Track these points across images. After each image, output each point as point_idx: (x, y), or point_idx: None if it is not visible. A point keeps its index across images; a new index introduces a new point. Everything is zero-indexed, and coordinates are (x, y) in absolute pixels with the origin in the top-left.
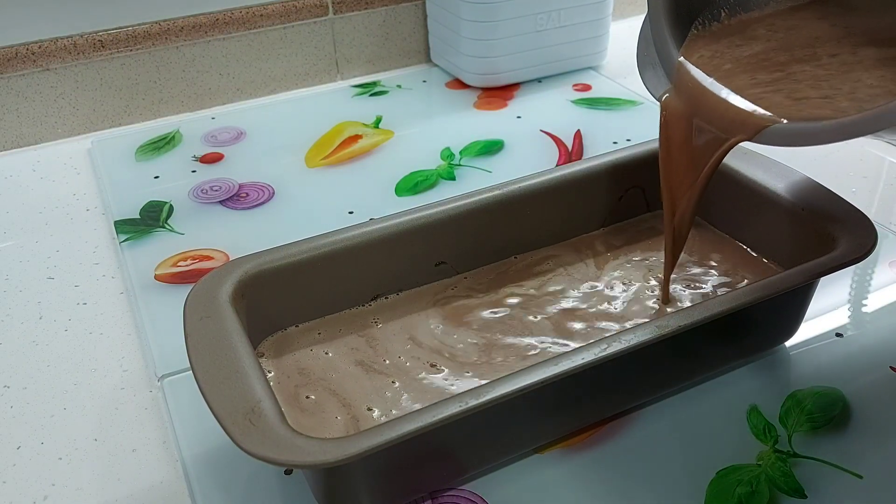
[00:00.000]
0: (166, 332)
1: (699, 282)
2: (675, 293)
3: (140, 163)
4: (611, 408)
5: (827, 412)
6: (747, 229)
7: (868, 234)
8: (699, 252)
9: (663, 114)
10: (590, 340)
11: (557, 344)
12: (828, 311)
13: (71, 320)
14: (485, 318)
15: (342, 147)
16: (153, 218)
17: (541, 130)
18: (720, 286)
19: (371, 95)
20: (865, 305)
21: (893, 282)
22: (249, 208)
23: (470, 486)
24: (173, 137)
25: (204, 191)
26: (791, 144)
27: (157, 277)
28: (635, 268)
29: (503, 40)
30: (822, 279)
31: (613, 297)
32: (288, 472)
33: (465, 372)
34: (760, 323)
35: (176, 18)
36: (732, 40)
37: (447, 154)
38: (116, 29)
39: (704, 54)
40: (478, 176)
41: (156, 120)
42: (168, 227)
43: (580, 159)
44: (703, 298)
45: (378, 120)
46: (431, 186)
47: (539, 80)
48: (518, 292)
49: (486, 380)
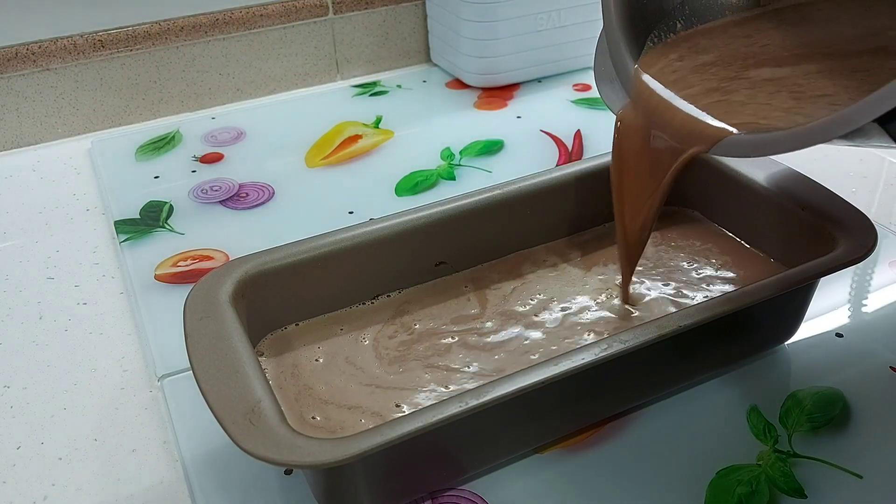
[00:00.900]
0: (166, 332)
1: (699, 278)
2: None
3: (140, 163)
4: (611, 408)
5: (827, 412)
6: (747, 229)
7: (868, 234)
8: (701, 248)
9: (618, 126)
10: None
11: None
12: (828, 311)
13: (71, 320)
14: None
15: (342, 147)
16: (153, 218)
17: (541, 130)
18: (719, 280)
19: (371, 95)
20: (865, 305)
21: (893, 282)
22: (249, 208)
23: (470, 486)
24: (173, 137)
25: (204, 191)
26: (748, 155)
27: (157, 277)
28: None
29: (503, 40)
30: (822, 279)
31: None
32: (288, 472)
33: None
34: (760, 323)
35: (176, 18)
36: (689, 51)
37: (447, 154)
38: (116, 29)
39: (661, 66)
40: (478, 176)
41: (156, 120)
42: (168, 227)
43: (580, 159)
44: (684, 300)
45: (378, 120)
46: (431, 186)
47: (539, 80)
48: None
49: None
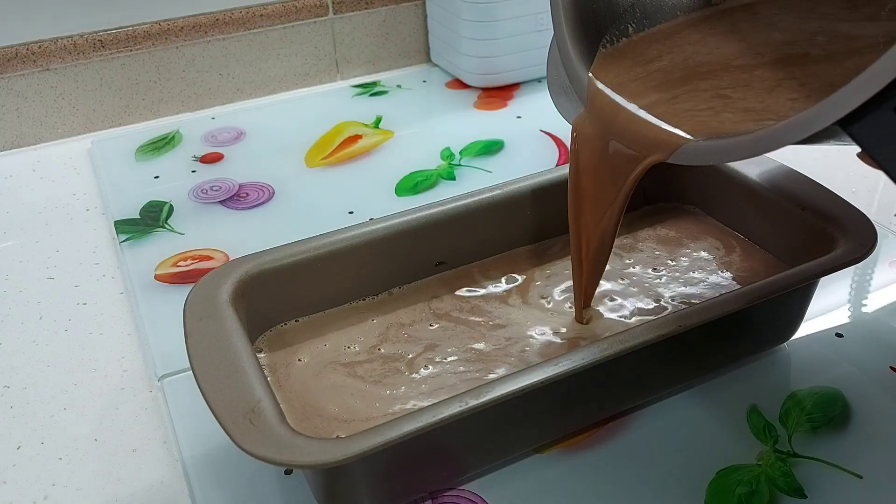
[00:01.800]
0: (166, 332)
1: (701, 275)
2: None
3: (140, 163)
4: (611, 408)
5: (827, 412)
6: (747, 229)
7: (868, 234)
8: (703, 244)
9: (575, 136)
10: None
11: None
12: (828, 311)
13: (71, 320)
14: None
15: (342, 147)
16: (153, 218)
17: (541, 130)
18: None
19: (371, 95)
20: (865, 305)
21: (893, 282)
22: (249, 208)
23: (470, 486)
24: (173, 137)
25: (204, 191)
26: (706, 162)
27: (157, 277)
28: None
29: (503, 40)
30: (822, 279)
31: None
32: (288, 472)
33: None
34: (760, 323)
35: (176, 18)
36: (642, 56)
37: (447, 154)
38: (116, 29)
39: (615, 73)
40: (478, 176)
41: (156, 120)
42: (168, 227)
43: None
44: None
45: (378, 120)
46: (431, 186)
47: (539, 80)
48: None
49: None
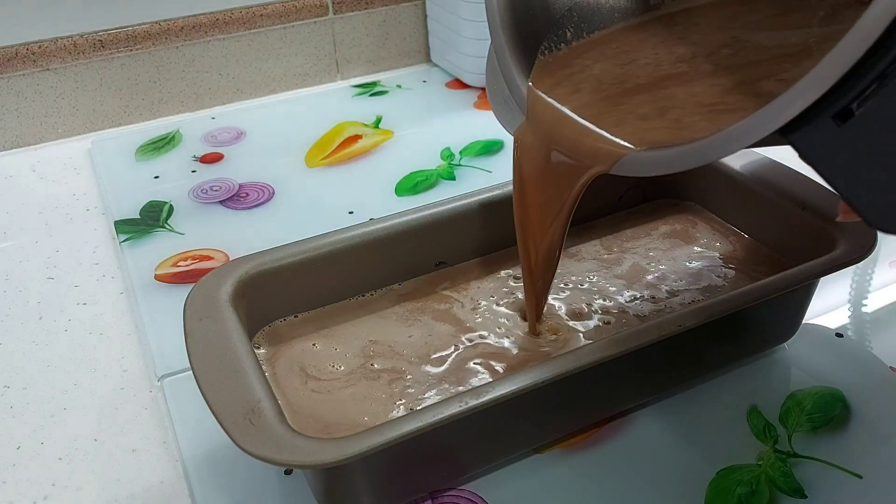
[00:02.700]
0: (166, 332)
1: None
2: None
3: (140, 163)
4: (611, 408)
5: (827, 412)
6: (747, 229)
7: (868, 234)
8: (702, 241)
9: (517, 146)
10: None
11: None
12: (828, 311)
13: (71, 320)
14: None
15: (342, 147)
16: (153, 218)
17: None
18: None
19: (371, 95)
20: (865, 305)
21: (893, 282)
22: (249, 208)
23: (470, 486)
24: (173, 137)
25: (204, 191)
26: (649, 173)
27: (157, 277)
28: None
29: None
30: (822, 279)
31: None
32: (288, 472)
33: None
34: (760, 323)
35: (176, 18)
36: (582, 63)
37: (447, 154)
38: (116, 29)
39: (554, 80)
40: (478, 176)
41: (156, 120)
42: (168, 227)
43: None
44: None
45: (378, 120)
46: (431, 186)
47: None
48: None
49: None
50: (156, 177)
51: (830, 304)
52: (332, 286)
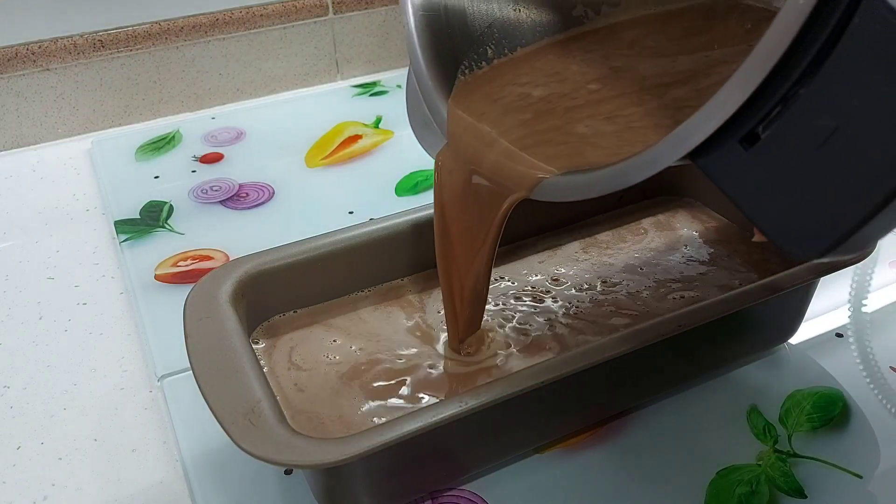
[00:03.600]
0: (166, 332)
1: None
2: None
3: (140, 163)
4: (611, 408)
5: (827, 412)
6: (745, 225)
7: None
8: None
9: (437, 170)
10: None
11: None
12: (828, 311)
13: (71, 320)
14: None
15: (342, 147)
16: (153, 218)
17: None
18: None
19: (371, 95)
20: (865, 305)
21: (893, 282)
22: (249, 208)
23: (470, 486)
24: (173, 137)
25: (204, 191)
26: (567, 199)
27: (157, 277)
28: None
29: None
30: (822, 279)
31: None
32: (288, 472)
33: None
34: (760, 322)
35: (176, 18)
36: (504, 83)
37: None
38: (116, 29)
39: (475, 101)
40: None
41: (156, 120)
42: (168, 227)
43: None
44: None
45: (378, 120)
46: (431, 186)
47: None
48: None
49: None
50: (156, 177)
51: (830, 304)
52: (333, 286)
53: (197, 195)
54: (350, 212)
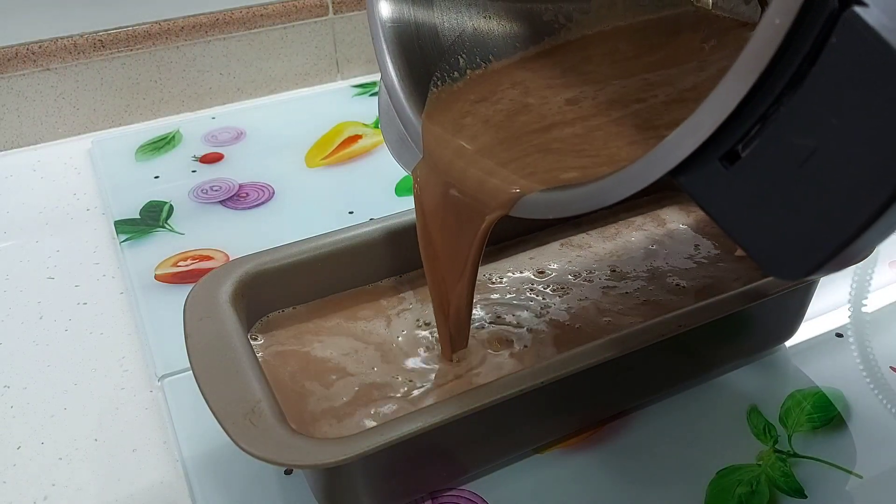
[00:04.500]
0: (166, 332)
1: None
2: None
3: (140, 163)
4: (611, 408)
5: (827, 412)
6: None
7: None
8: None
9: (416, 185)
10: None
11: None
12: (828, 311)
13: (71, 320)
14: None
15: (342, 147)
16: (153, 218)
17: None
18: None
19: (371, 95)
20: (865, 305)
21: (893, 282)
22: (249, 208)
23: (470, 486)
24: (173, 137)
25: (204, 191)
26: (547, 216)
27: (157, 277)
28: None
29: None
30: (823, 279)
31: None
32: (288, 472)
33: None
34: (760, 323)
35: (176, 18)
36: (478, 98)
37: None
38: (116, 29)
39: (449, 116)
40: None
41: (156, 120)
42: (168, 227)
43: None
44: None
45: (378, 120)
46: None
47: None
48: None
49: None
50: (156, 177)
51: (830, 304)
52: (333, 286)
53: (197, 195)
54: (350, 212)
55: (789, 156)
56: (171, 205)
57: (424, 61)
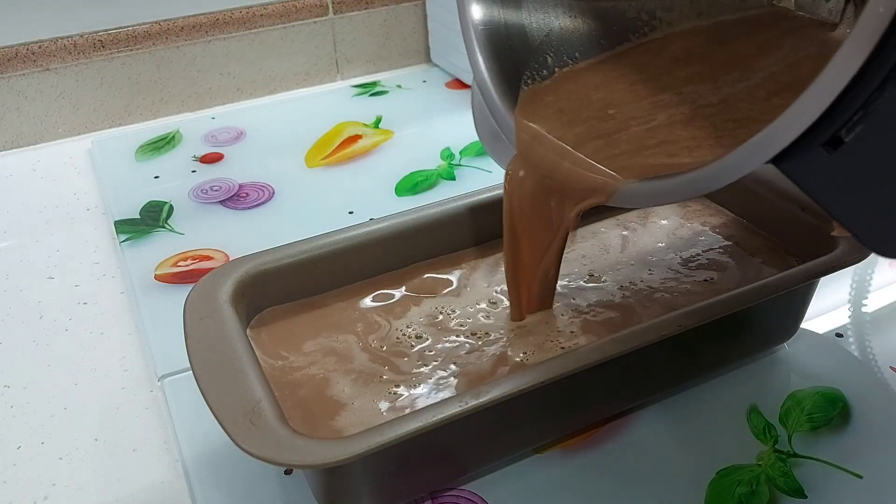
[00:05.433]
0: (166, 332)
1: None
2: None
3: (140, 163)
4: (611, 408)
5: (827, 412)
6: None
7: None
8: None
9: (508, 179)
10: None
11: None
12: (828, 311)
13: (71, 320)
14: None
15: (342, 147)
16: (153, 218)
17: None
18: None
19: (371, 95)
20: (865, 305)
21: (893, 282)
22: (249, 208)
23: (470, 486)
24: (173, 137)
25: (204, 191)
26: (646, 205)
27: (157, 277)
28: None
29: None
30: (822, 279)
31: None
32: (288, 472)
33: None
34: (760, 323)
35: (176, 18)
36: (568, 93)
37: (447, 154)
38: (116, 29)
39: (542, 111)
40: (478, 176)
41: (156, 120)
42: (168, 227)
43: None
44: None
45: (378, 120)
46: (431, 186)
47: None
48: None
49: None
50: (156, 177)
51: (830, 305)
52: (333, 286)
53: (197, 195)
54: (350, 212)
55: (894, 140)
56: (171, 205)
57: (514, 61)
